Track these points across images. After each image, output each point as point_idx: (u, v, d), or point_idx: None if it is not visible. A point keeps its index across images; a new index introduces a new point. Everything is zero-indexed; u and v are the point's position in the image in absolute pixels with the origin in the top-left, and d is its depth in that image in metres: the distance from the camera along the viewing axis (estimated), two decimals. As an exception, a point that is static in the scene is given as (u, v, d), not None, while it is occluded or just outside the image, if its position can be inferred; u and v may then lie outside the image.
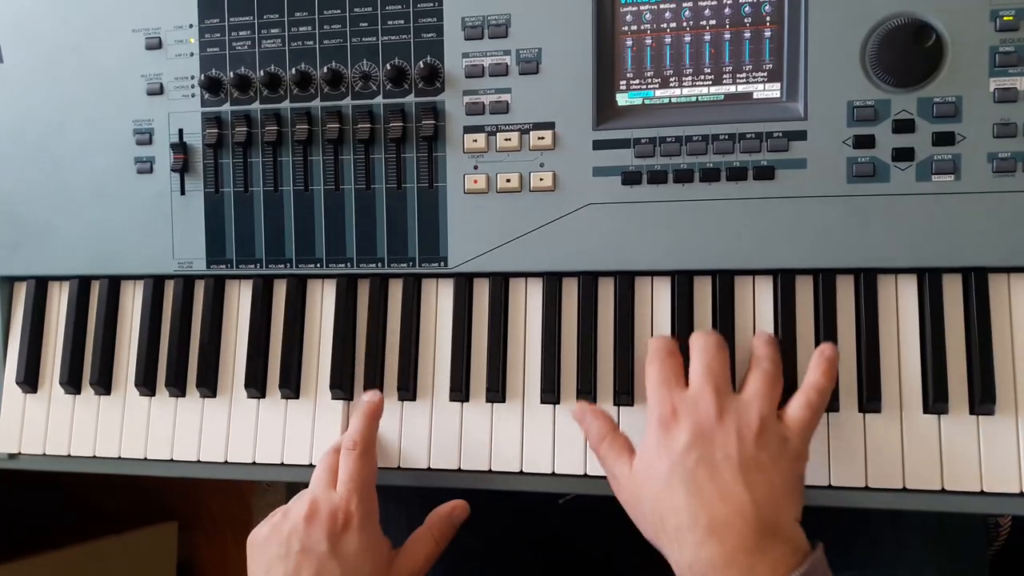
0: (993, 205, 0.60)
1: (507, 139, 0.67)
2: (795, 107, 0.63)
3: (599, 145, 0.66)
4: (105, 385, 0.74)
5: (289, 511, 0.62)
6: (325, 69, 0.69)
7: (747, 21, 0.64)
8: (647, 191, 0.65)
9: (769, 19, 0.64)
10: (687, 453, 0.55)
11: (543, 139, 0.66)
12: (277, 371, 0.71)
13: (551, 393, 0.66)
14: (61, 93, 0.74)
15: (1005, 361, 0.61)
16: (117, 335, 0.75)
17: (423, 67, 0.67)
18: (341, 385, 0.69)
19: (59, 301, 0.76)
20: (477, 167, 0.68)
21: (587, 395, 0.65)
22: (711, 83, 0.65)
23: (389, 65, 0.67)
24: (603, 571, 0.87)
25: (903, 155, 0.61)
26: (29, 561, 1.20)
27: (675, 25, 0.65)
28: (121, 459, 0.73)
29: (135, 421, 0.73)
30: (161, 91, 0.72)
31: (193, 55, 0.72)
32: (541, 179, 0.66)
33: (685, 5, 0.65)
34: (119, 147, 0.73)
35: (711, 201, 0.64)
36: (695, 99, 0.66)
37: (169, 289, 0.74)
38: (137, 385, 0.73)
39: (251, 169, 0.71)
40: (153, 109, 0.72)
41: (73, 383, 0.74)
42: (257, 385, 0.71)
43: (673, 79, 0.66)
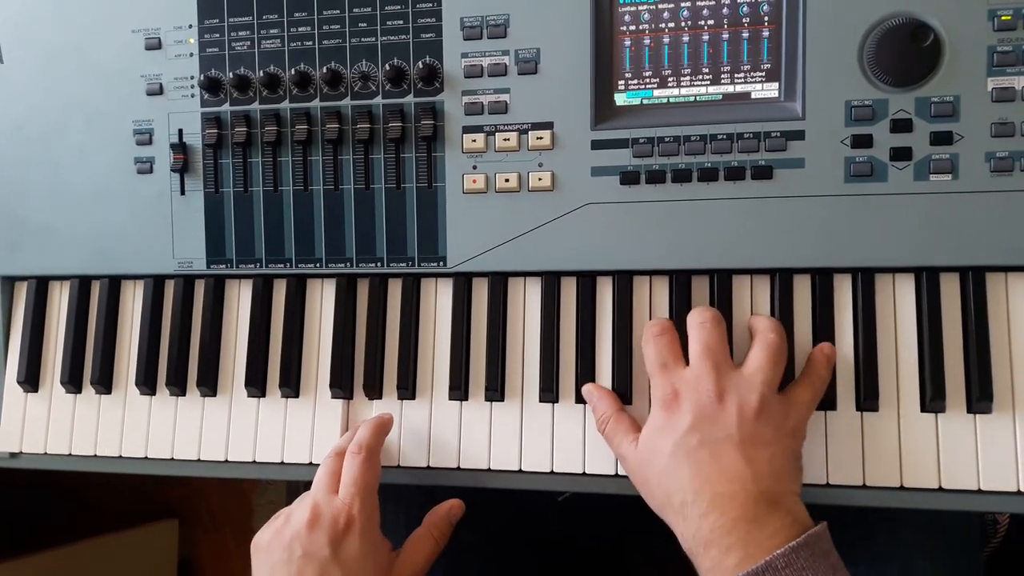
0: (991, 204, 0.60)
1: (506, 139, 0.67)
2: (793, 107, 0.64)
3: (597, 145, 0.66)
4: (106, 384, 0.74)
5: (291, 515, 0.62)
6: (324, 69, 0.69)
7: (745, 21, 0.64)
8: (645, 191, 0.65)
9: (767, 19, 0.64)
10: (689, 435, 0.57)
11: (542, 139, 0.66)
12: (277, 370, 0.71)
13: (550, 392, 0.66)
14: (61, 93, 0.74)
15: (1002, 360, 0.61)
16: (117, 335, 0.75)
17: (422, 67, 0.67)
18: (341, 384, 0.70)
19: (60, 301, 0.77)
20: (476, 167, 0.68)
21: (586, 394, 0.66)
22: (709, 83, 0.65)
23: (388, 65, 0.68)
24: (602, 569, 0.88)
25: (901, 155, 0.61)
26: (31, 559, 1.20)
27: (673, 25, 0.65)
28: (122, 458, 0.74)
29: (136, 420, 0.74)
30: (161, 91, 0.72)
31: (193, 55, 0.72)
32: (540, 179, 0.66)
33: (683, 5, 0.65)
34: (119, 147, 0.73)
35: (709, 201, 0.64)
36: (693, 99, 0.66)
37: (169, 289, 0.74)
38: (138, 384, 0.73)
39: (251, 169, 0.71)
40: (153, 109, 0.72)
41: (74, 382, 0.74)
42: (257, 384, 0.71)
43: (671, 79, 0.66)
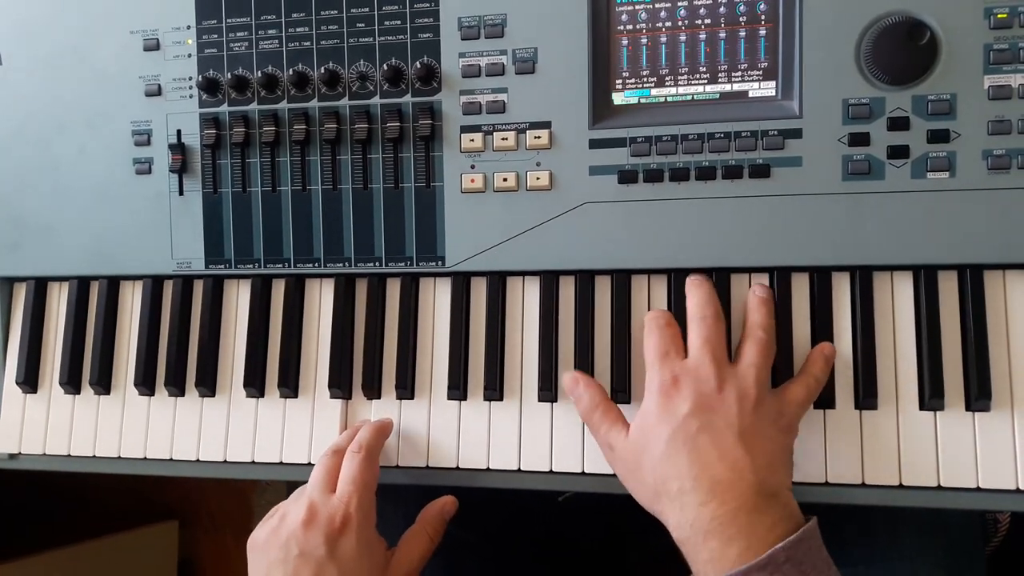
0: (988, 202, 0.60)
1: (504, 138, 0.67)
2: (790, 105, 0.64)
3: (595, 144, 0.66)
4: (105, 385, 0.74)
5: (287, 514, 0.62)
6: (322, 70, 0.69)
7: (742, 20, 0.64)
8: (643, 190, 0.65)
9: (764, 18, 0.64)
10: (689, 420, 0.57)
11: (539, 138, 0.66)
12: (276, 370, 0.71)
13: (548, 391, 0.66)
14: (60, 94, 0.74)
15: (1001, 357, 0.61)
16: (116, 335, 0.75)
17: (420, 67, 0.67)
18: (339, 384, 0.70)
19: (59, 301, 0.77)
20: (474, 166, 0.68)
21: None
22: (706, 82, 0.65)
23: (386, 65, 0.68)
24: (602, 569, 0.88)
25: (898, 153, 0.61)
26: (30, 560, 1.20)
27: (670, 24, 0.65)
28: (121, 459, 0.74)
29: (135, 421, 0.74)
30: (159, 92, 0.72)
31: (191, 56, 0.72)
32: (538, 178, 0.66)
33: (680, 4, 0.65)
34: (118, 148, 0.73)
35: (707, 199, 0.64)
36: (691, 98, 0.66)
37: (168, 289, 0.74)
38: (136, 385, 0.73)
39: (249, 169, 0.71)
40: (151, 110, 0.73)
41: (73, 383, 0.74)
42: (256, 384, 0.71)
43: (668, 78, 0.66)
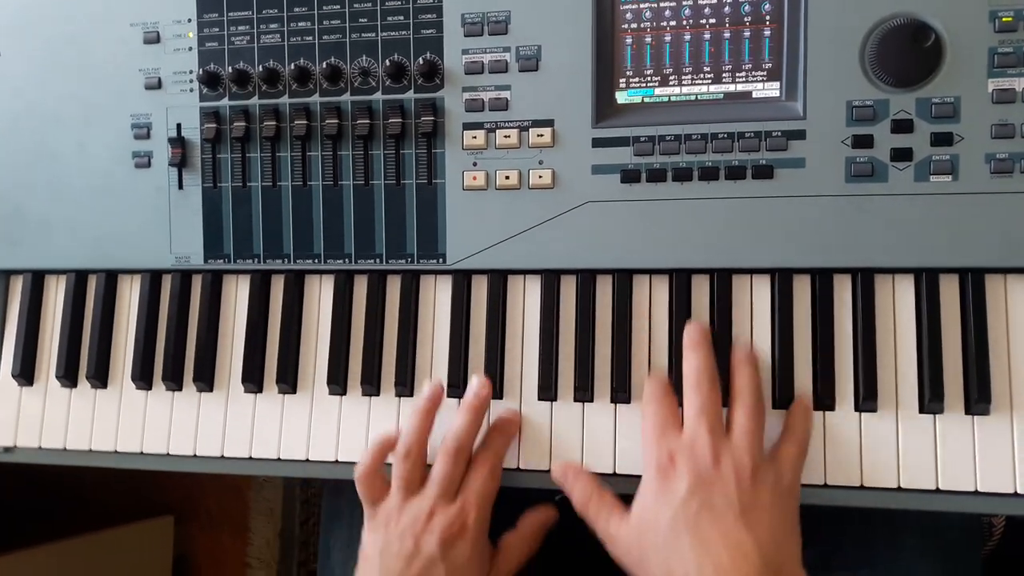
0: (990, 206, 0.60)
1: (506, 136, 0.67)
2: (794, 106, 0.63)
3: (598, 143, 0.65)
4: (101, 379, 0.74)
5: (404, 511, 0.63)
6: (324, 65, 0.68)
7: (747, 20, 0.64)
8: (646, 189, 0.65)
9: (769, 18, 0.64)
10: (688, 501, 0.56)
11: (542, 136, 0.66)
12: (274, 366, 0.71)
13: (548, 391, 0.66)
14: (59, 87, 0.73)
15: (1001, 362, 0.61)
16: (114, 329, 0.75)
17: (422, 63, 0.67)
18: (338, 381, 0.69)
19: (56, 295, 0.76)
20: (476, 164, 0.67)
21: (584, 392, 0.65)
22: (710, 82, 0.65)
23: (388, 61, 0.67)
24: (602, 569, 0.88)
25: (901, 155, 0.61)
26: (25, 553, 1.20)
27: (675, 23, 0.65)
28: (117, 453, 0.73)
29: (131, 415, 0.73)
30: (159, 85, 0.72)
31: (191, 50, 0.71)
32: (540, 176, 0.66)
33: (685, 4, 0.65)
34: (117, 141, 0.73)
35: (710, 200, 0.64)
36: (694, 98, 0.66)
37: (166, 283, 0.74)
38: (134, 379, 0.73)
39: (249, 164, 0.71)
40: (151, 103, 0.72)
41: (69, 377, 0.74)
42: (254, 380, 0.71)
43: (672, 77, 0.66)
